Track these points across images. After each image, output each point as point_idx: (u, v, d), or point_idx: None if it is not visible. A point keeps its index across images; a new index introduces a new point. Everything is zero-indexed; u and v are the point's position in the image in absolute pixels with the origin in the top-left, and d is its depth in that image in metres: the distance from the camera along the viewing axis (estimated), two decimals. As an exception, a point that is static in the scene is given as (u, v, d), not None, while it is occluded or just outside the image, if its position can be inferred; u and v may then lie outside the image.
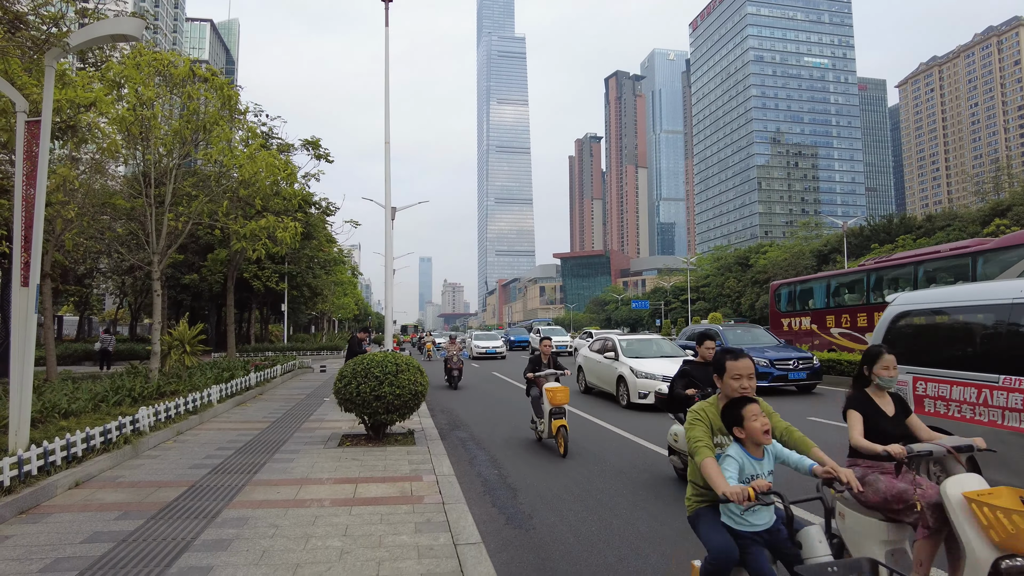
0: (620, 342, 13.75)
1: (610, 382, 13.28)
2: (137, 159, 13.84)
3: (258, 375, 15.73)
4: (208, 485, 6.28)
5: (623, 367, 12.70)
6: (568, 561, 4.49)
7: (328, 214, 29.58)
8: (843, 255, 55.45)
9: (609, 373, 13.31)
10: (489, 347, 31.51)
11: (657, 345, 14.06)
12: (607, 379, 13.51)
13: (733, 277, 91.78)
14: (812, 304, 20.48)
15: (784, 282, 22.84)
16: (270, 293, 36.08)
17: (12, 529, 4.93)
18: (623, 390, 12.52)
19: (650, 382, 11.76)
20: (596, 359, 14.28)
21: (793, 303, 21.54)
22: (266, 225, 14.69)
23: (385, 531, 4.85)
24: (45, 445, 6.18)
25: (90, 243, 17.61)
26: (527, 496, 6.25)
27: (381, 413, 8.20)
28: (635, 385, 12.01)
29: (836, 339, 18.75)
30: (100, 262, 29.40)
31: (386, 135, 16.52)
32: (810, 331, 19.91)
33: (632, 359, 12.84)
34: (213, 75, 13.78)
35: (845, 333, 18.39)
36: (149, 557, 4.31)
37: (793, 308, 21.44)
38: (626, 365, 12.61)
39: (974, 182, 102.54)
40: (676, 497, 6.05)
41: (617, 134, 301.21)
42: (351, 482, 6.40)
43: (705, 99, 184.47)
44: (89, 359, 27.18)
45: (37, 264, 6.58)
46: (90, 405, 9.20)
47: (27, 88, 10.08)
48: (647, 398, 11.72)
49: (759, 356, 14.02)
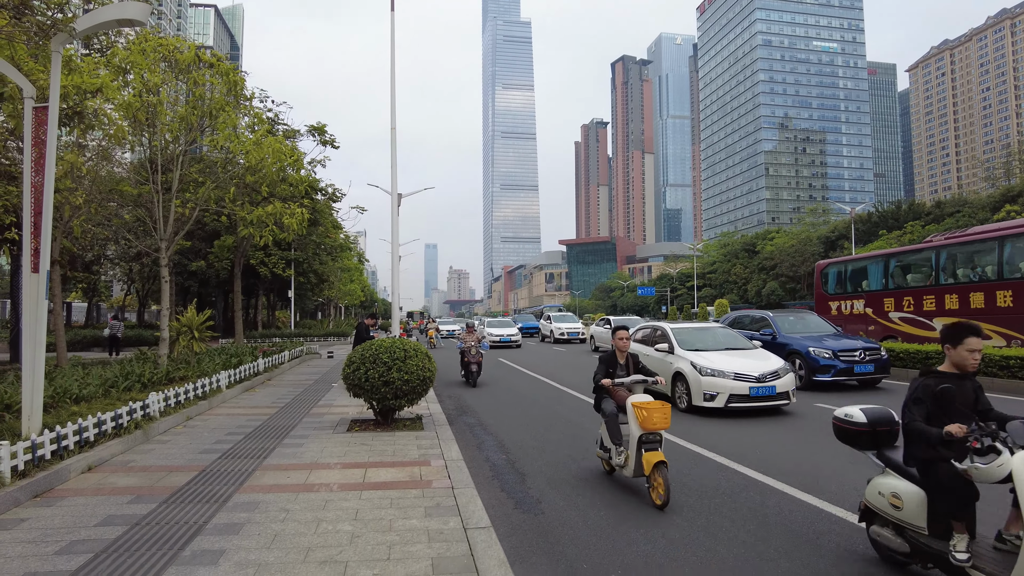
0: (674, 332, 11.72)
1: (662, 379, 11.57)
2: (144, 145, 13.84)
3: (266, 361, 15.81)
4: (219, 470, 6.34)
5: (681, 362, 10.65)
6: (577, 546, 4.51)
7: (334, 200, 29.62)
8: (851, 241, 55.12)
9: (661, 368, 11.07)
10: (504, 335, 29.80)
11: (716, 336, 11.97)
12: (658, 375, 11.80)
13: (740, 263, 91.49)
14: (866, 285, 18.29)
15: (833, 261, 20.60)
16: (277, 279, 36.20)
17: (27, 512, 4.99)
18: (681, 390, 10.49)
19: (719, 381, 9.81)
20: (642, 352, 11.87)
21: (843, 284, 19.33)
22: (273, 211, 14.70)
23: (395, 515, 4.88)
24: (58, 430, 6.24)
25: (98, 230, 17.68)
26: (535, 482, 6.27)
27: (390, 398, 8.23)
28: (699, 384, 10.00)
29: (896, 325, 16.67)
30: (108, 249, 29.55)
31: (392, 120, 16.45)
32: (863, 316, 17.86)
33: (691, 352, 10.80)
34: (219, 61, 13.72)
35: (907, 318, 16.33)
36: (162, 540, 4.36)
37: (843, 290, 19.23)
38: (685, 360, 10.57)
39: (984, 168, 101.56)
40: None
41: (623, 120, 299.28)
42: (360, 467, 6.44)
43: (712, 84, 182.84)
44: (98, 345, 27.40)
45: (47, 251, 6.61)
46: (100, 391, 9.26)
47: (33, 74, 10.06)
48: (715, 400, 9.80)
49: (818, 347, 12.70)
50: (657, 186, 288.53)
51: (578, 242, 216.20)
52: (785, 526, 4.82)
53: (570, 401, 11.96)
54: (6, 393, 7.93)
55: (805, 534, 4.64)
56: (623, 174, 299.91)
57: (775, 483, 6.00)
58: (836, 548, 4.36)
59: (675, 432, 8.33)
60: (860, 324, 17.83)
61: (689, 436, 8.26)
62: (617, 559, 4.25)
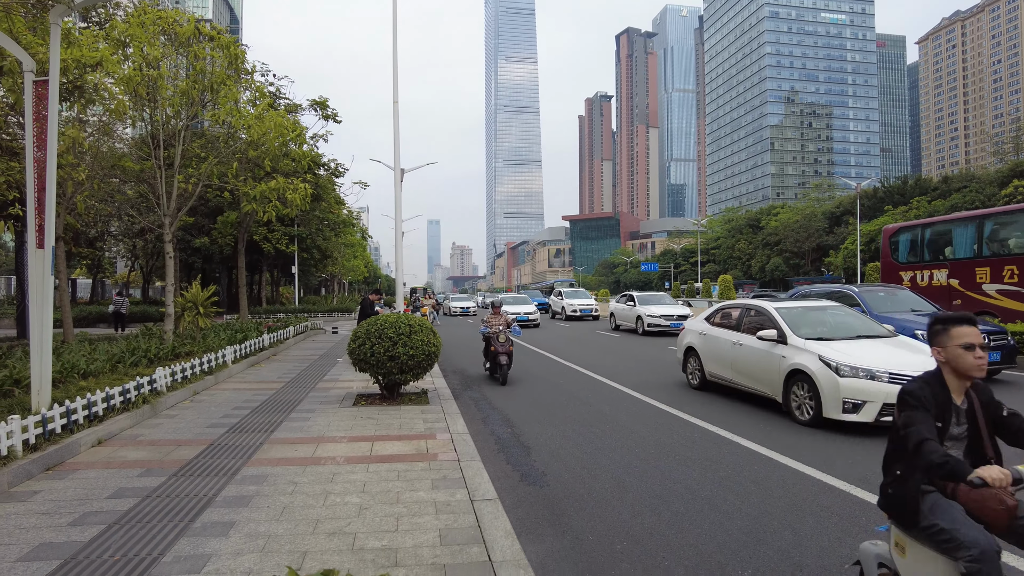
0: (780, 313, 8.60)
1: (766, 379, 8.32)
2: (145, 120, 13.74)
3: (271, 336, 15.89)
4: (227, 444, 6.40)
5: (802, 356, 7.65)
6: (583, 517, 4.56)
7: (337, 176, 29.41)
8: (856, 217, 54.77)
9: (765, 364, 8.30)
10: (521, 313, 26.50)
11: (839, 317, 8.93)
12: (758, 374, 8.51)
13: (744, 239, 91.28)
14: (950, 253, 15.65)
15: (906, 225, 17.57)
16: (280, 255, 36.21)
17: (40, 485, 5.06)
18: (801, 396, 7.57)
19: (867, 385, 6.96)
20: (729, 339, 9.26)
21: (919, 252, 16.53)
22: (276, 187, 14.64)
23: (402, 488, 4.94)
24: (67, 404, 6.30)
25: (101, 206, 17.65)
26: (540, 454, 6.32)
27: (395, 373, 8.29)
28: (835, 389, 7.06)
29: (993, 300, 14.08)
30: (111, 225, 29.53)
31: (394, 94, 16.26)
32: (946, 288, 15.19)
33: (815, 343, 7.81)
34: (219, 34, 13.54)
35: (1010, 291, 13.74)
36: (173, 512, 4.42)
37: (919, 258, 16.41)
38: (809, 353, 7.60)
39: (993, 142, 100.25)
40: None
41: (628, 93, 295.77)
42: (367, 440, 6.50)
43: (718, 57, 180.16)
44: (103, 321, 27.52)
45: (51, 226, 6.60)
46: (107, 366, 9.33)
47: (32, 47, 9.94)
48: (860, 412, 6.94)
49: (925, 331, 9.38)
50: (661, 161, 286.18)
51: (581, 218, 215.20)
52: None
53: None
54: (15, 368, 8.01)
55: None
56: (627, 148, 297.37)
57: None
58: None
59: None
60: (942, 298, 15.21)
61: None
62: (622, 531, 4.30)
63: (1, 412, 6.09)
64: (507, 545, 3.81)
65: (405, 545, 3.84)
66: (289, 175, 17.91)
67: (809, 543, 4.03)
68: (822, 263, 76.39)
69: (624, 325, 23.60)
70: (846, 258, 63.11)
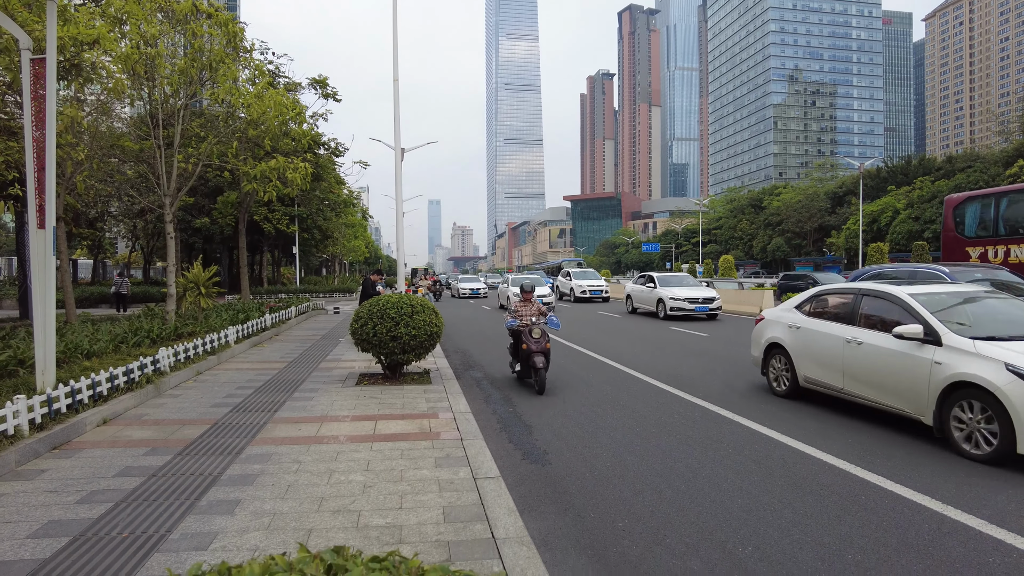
0: (920, 301, 6.36)
1: (905, 393, 6.13)
2: (143, 99, 13.62)
3: (273, 317, 15.93)
4: (231, 423, 6.45)
5: (975, 364, 5.45)
6: (584, 495, 4.61)
7: (337, 155, 29.26)
8: (859, 197, 54.47)
9: (904, 373, 6.12)
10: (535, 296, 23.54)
11: (1005, 309, 6.47)
12: (890, 384, 6.31)
13: (746, 219, 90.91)
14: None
15: (974, 195, 15.16)
16: (281, 236, 36.16)
17: (47, 463, 5.11)
18: (974, 419, 5.41)
19: None
20: (838, 335, 7.05)
21: (990, 226, 14.41)
22: (276, 166, 14.55)
23: (406, 466, 4.98)
24: (72, 384, 6.33)
25: (101, 186, 17.57)
26: (542, 434, 6.37)
27: (398, 353, 8.32)
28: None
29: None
30: (111, 205, 29.44)
31: (395, 72, 16.09)
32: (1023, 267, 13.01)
33: (990, 345, 5.54)
34: (216, 11, 13.38)
35: None
36: (179, 490, 4.47)
37: (991, 232, 14.31)
38: (988, 361, 5.37)
39: (999, 121, 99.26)
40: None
41: (630, 71, 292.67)
42: (370, 419, 6.55)
43: (722, 34, 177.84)
44: (105, 302, 27.58)
45: (52, 206, 6.58)
46: (111, 346, 9.37)
47: (28, 24, 9.83)
48: None
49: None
50: (664, 140, 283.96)
51: (583, 198, 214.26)
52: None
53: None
54: (19, 349, 8.05)
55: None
56: (629, 128, 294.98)
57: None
58: None
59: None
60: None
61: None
62: (623, 508, 4.34)
63: (7, 392, 6.13)
64: (510, 522, 3.86)
65: (409, 522, 3.88)
66: (289, 154, 17.80)
67: None
68: (824, 243, 76.20)
69: (642, 308, 21.92)
70: (848, 239, 62.91)
